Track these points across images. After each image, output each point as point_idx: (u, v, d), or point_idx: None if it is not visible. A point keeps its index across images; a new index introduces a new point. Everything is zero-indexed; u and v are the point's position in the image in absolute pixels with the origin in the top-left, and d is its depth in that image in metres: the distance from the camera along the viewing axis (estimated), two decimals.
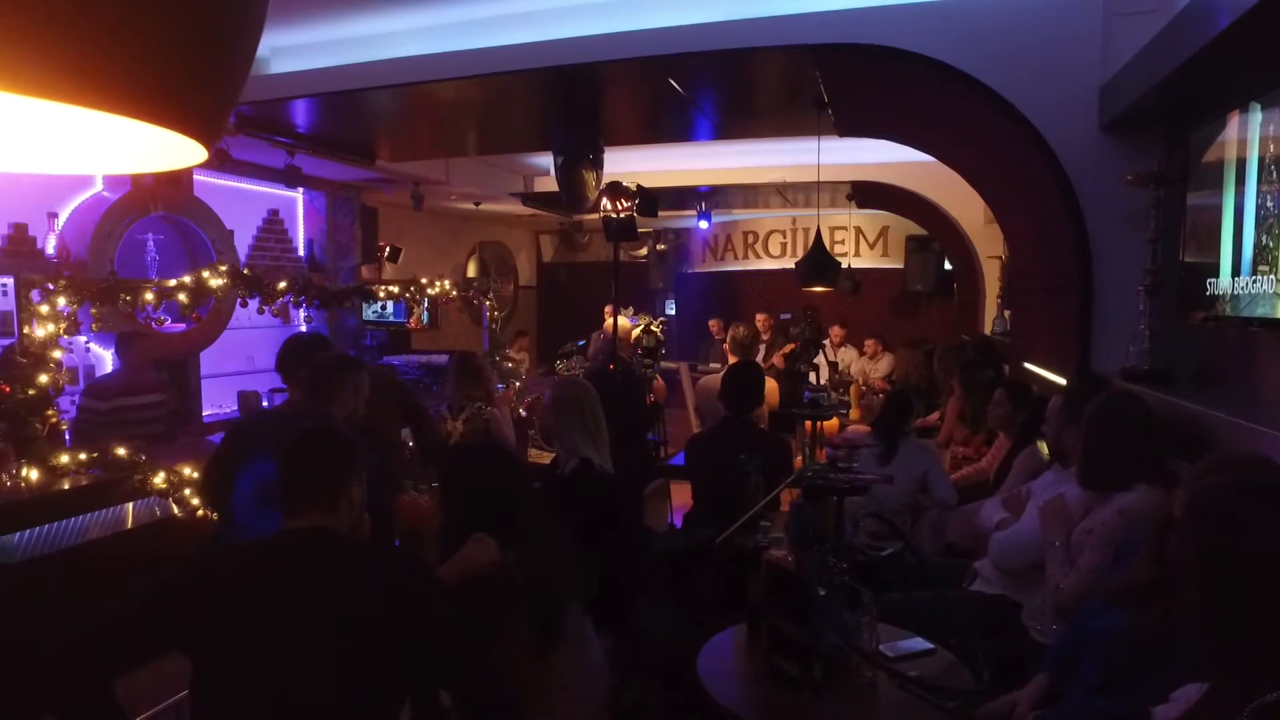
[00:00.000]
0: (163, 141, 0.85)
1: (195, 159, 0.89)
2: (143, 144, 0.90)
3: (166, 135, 0.79)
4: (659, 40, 3.92)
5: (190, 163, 0.91)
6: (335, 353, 3.09)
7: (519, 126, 5.60)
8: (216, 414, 6.48)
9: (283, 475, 1.81)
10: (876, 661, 1.91)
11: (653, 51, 3.91)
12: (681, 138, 6.30)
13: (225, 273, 4.43)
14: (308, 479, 1.81)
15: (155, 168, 0.95)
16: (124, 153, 0.94)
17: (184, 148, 0.85)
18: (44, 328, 3.59)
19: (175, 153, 0.89)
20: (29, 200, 5.23)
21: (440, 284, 6.26)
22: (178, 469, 3.82)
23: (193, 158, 0.89)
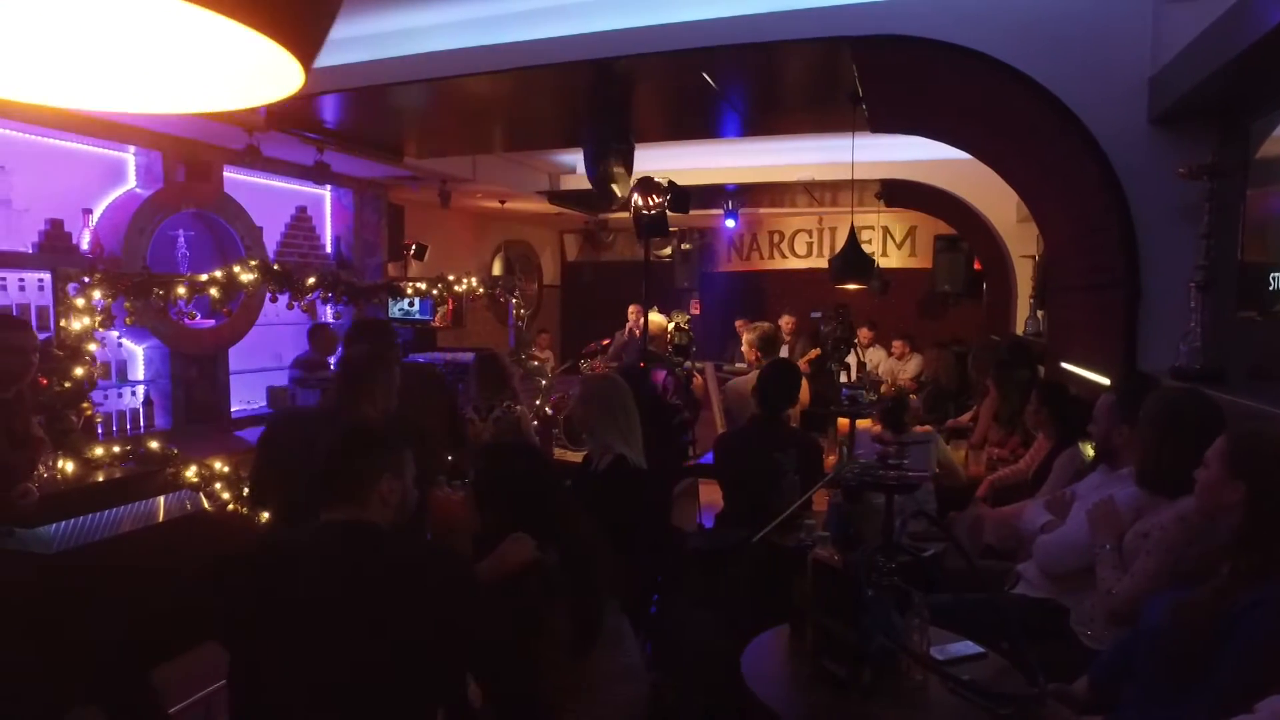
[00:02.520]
0: (258, 68, 0.81)
1: (290, 86, 0.85)
2: (239, 73, 0.87)
3: (262, 61, 0.75)
4: (694, 33, 3.87)
5: (285, 93, 0.87)
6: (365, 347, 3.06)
7: (548, 122, 5.57)
8: (244, 409, 6.50)
9: (323, 467, 1.80)
10: (929, 664, 1.85)
11: (688, 45, 3.87)
12: (710, 134, 6.25)
13: (255, 268, 4.44)
14: (338, 473, 1.79)
15: (251, 100, 0.92)
16: (221, 85, 0.92)
17: (279, 74, 0.81)
18: (79, 321, 3.60)
19: (271, 81, 0.85)
20: (65, 196, 5.27)
21: (468, 281, 6.26)
22: (209, 462, 3.83)
23: (288, 85, 0.85)
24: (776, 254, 10.91)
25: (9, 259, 4.78)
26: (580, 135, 4.87)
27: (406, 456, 1.88)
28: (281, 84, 0.85)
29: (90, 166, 5.53)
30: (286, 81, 0.84)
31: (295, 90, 0.84)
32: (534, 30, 4.21)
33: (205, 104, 0.96)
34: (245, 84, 0.90)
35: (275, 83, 0.85)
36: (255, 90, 0.90)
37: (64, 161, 5.33)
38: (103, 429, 4.90)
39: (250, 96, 0.91)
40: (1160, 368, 3.10)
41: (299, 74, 0.80)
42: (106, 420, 5.26)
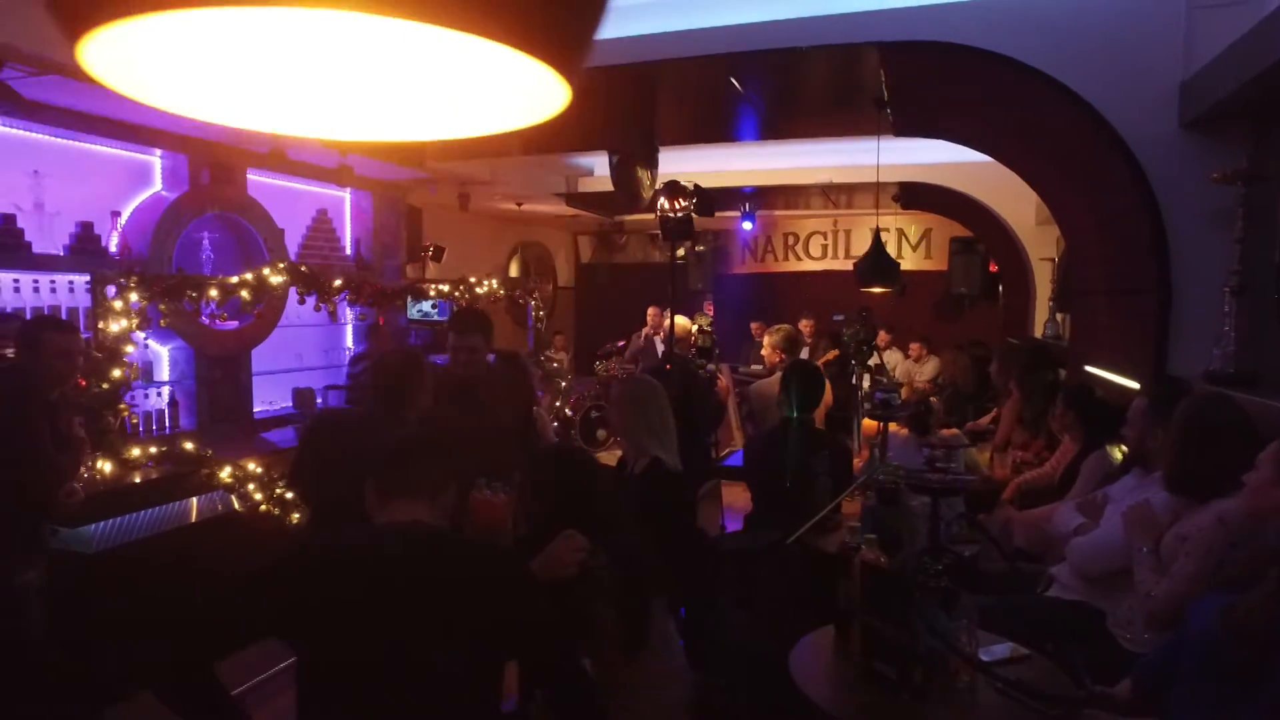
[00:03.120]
0: (525, 89, 0.83)
1: (557, 105, 0.85)
2: (503, 95, 0.88)
3: (526, 81, 0.77)
4: (722, 38, 3.90)
5: (552, 112, 0.88)
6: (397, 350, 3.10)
7: (572, 126, 5.59)
8: (266, 410, 6.54)
9: (388, 467, 1.81)
10: (979, 666, 1.88)
11: (716, 50, 3.90)
12: (731, 137, 6.28)
13: (284, 270, 4.48)
14: (413, 473, 1.81)
15: (520, 122, 0.91)
16: (490, 108, 0.93)
17: (546, 94, 0.82)
18: (117, 323, 3.65)
19: (537, 101, 0.86)
20: (93, 199, 5.32)
21: (488, 283, 6.30)
22: (242, 464, 3.87)
23: (555, 104, 0.85)
24: (791, 256, 10.93)
25: (42, 261, 4.83)
26: (605, 139, 4.89)
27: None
28: (548, 103, 0.86)
29: (118, 169, 5.58)
30: (553, 100, 0.84)
31: (562, 109, 0.85)
32: None
33: (477, 128, 0.96)
34: (513, 105, 0.90)
35: (542, 103, 0.86)
36: (523, 111, 0.90)
37: (93, 165, 5.39)
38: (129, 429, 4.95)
39: (519, 118, 0.92)
40: (1191, 372, 3.11)
41: (566, 93, 0.80)
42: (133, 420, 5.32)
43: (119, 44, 0.74)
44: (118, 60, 0.83)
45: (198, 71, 0.88)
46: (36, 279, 4.91)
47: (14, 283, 4.79)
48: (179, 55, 0.84)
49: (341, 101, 0.93)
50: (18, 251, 4.72)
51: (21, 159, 4.90)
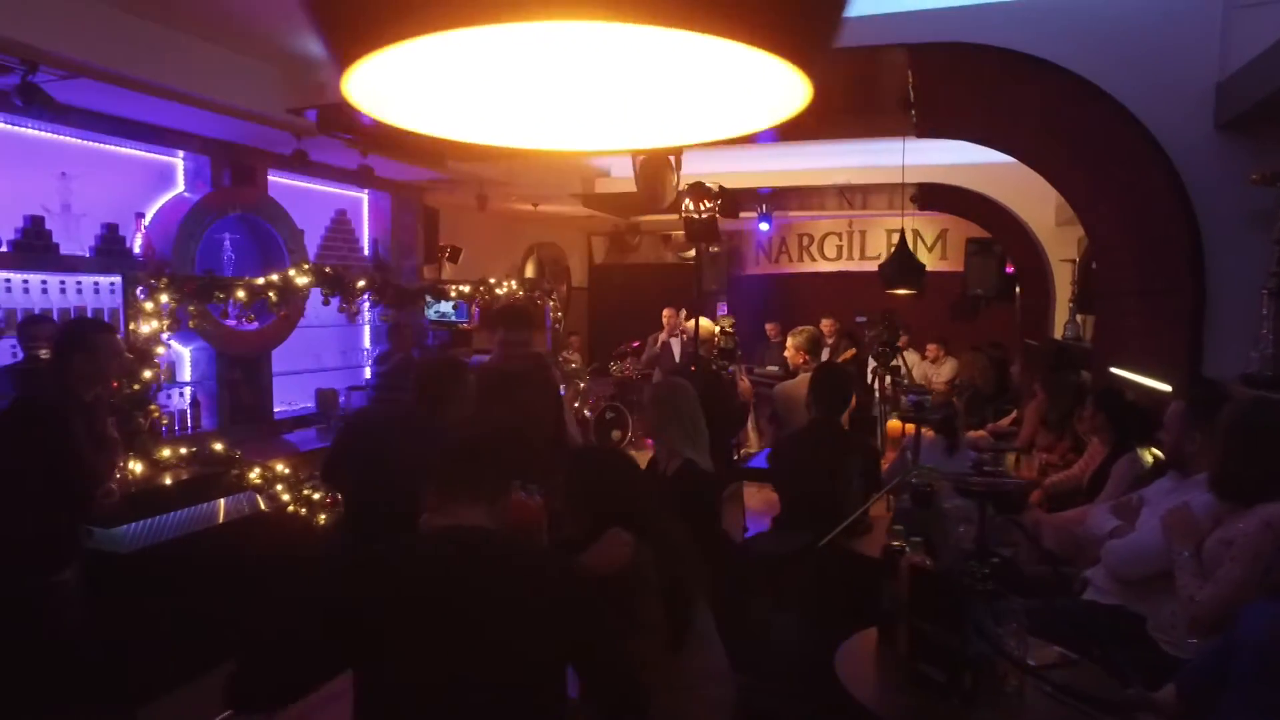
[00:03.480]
0: (767, 87, 0.82)
1: (799, 101, 0.85)
2: (747, 95, 0.89)
3: (763, 80, 0.77)
4: None
5: (797, 109, 0.87)
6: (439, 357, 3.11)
7: None
8: (286, 410, 6.56)
9: (449, 469, 1.81)
10: (1031, 670, 1.87)
11: None
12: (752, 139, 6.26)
13: (309, 271, 4.50)
14: (475, 475, 1.80)
15: (766, 121, 0.91)
16: (738, 109, 0.93)
17: (784, 91, 0.82)
18: (148, 324, 3.67)
19: (779, 99, 0.86)
20: (119, 200, 5.35)
21: (508, 284, 6.30)
22: (271, 464, 3.88)
23: (797, 101, 0.85)
24: (806, 257, 10.92)
25: (70, 263, 4.86)
26: None
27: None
28: (791, 101, 0.86)
29: (141, 171, 5.61)
30: (796, 98, 0.84)
31: (804, 106, 0.84)
32: None
33: (722, 131, 0.97)
34: (757, 105, 0.90)
35: (785, 101, 0.86)
36: (767, 110, 0.90)
37: (117, 166, 5.42)
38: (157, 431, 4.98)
39: (763, 118, 0.92)
40: (1227, 375, 3.10)
41: (808, 90, 0.80)
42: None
43: (379, 72, 0.76)
44: (377, 88, 0.84)
45: (453, 92, 0.91)
46: (63, 280, 4.94)
47: (42, 284, 4.82)
48: (436, 78, 0.87)
49: (593, 113, 0.94)
50: (46, 253, 4.75)
51: (49, 161, 4.94)
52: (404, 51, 0.69)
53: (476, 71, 0.86)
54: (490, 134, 1.00)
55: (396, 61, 0.73)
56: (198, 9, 4.15)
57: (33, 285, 4.78)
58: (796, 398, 4.67)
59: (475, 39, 0.70)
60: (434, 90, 0.90)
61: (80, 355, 2.91)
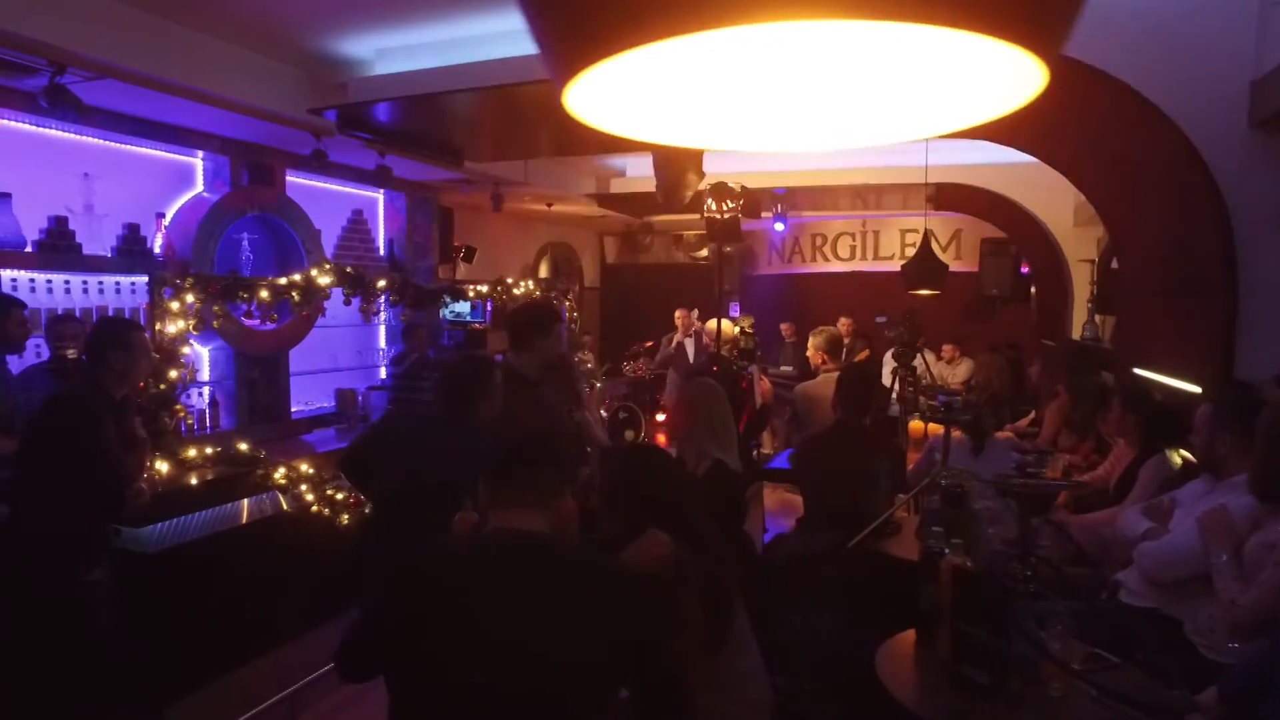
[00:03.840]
0: (1004, 76, 0.81)
1: (1035, 88, 0.83)
2: (980, 84, 0.87)
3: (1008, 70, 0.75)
4: None
5: (1031, 96, 0.85)
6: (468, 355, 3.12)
7: None
8: (303, 410, 6.57)
9: (504, 472, 1.79)
10: (1078, 674, 1.85)
11: None
12: None
13: (330, 270, 4.50)
14: (530, 478, 1.79)
15: (1001, 109, 0.89)
16: (973, 99, 0.91)
17: (1019, 77, 0.80)
18: (174, 324, 3.67)
19: (1017, 87, 0.84)
20: (140, 200, 5.37)
21: (524, 284, 6.30)
22: (295, 464, 3.88)
23: (1030, 88, 0.83)
24: (819, 257, 10.89)
25: (92, 263, 4.88)
26: None
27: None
28: (1027, 88, 0.84)
29: (161, 171, 5.62)
30: (1031, 84, 0.82)
31: (1040, 91, 0.83)
32: None
33: (962, 121, 0.95)
34: (990, 94, 0.89)
35: (1020, 88, 0.84)
36: (1000, 99, 0.89)
37: (138, 166, 5.44)
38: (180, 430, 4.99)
39: (999, 106, 0.90)
40: (1260, 376, 3.07)
41: (1045, 76, 0.78)
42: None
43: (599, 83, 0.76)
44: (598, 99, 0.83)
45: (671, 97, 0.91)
46: (86, 280, 4.96)
47: (65, 284, 4.84)
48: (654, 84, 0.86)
49: (824, 111, 0.93)
50: (69, 253, 4.77)
51: (72, 162, 4.95)
52: (627, 59, 0.69)
53: (696, 74, 0.84)
54: (709, 138, 0.99)
55: (617, 69, 0.72)
56: (221, 10, 4.16)
57: (56, 285, 4.80)
58: (817, 398, 4.66)
59: (698, 41, 0.69)
60: (652, 96, 0.89)
61: (115, 353, 2.92)
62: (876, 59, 0.83)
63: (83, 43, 3.82)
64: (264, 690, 3.82)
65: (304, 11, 4.25)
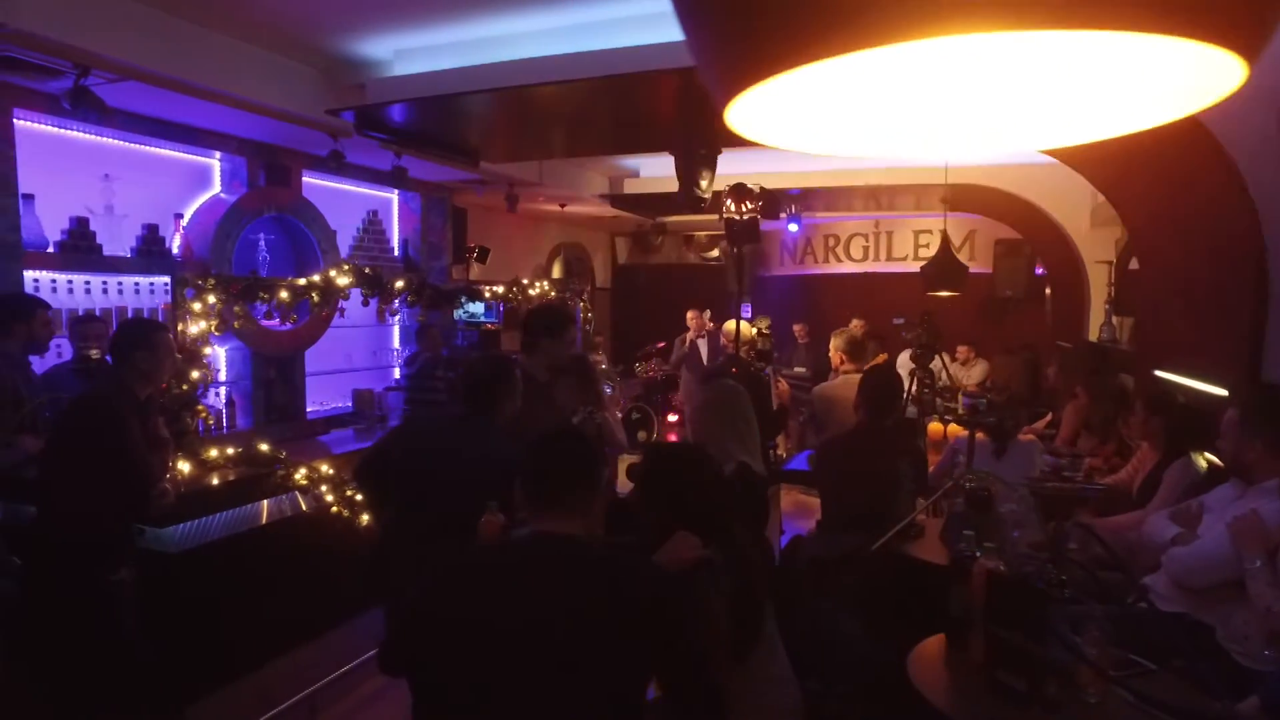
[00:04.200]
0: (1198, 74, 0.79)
1: (1233, 84, 0.80)
2: (1172, 82, 0.85)
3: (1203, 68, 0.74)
4: None
5: (1227, 92, 0.83)
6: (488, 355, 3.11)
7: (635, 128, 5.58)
8: (318, 410, 6.59)
9: (536, 477, 1.79)
10: (1117, 680, 1.84)
11: None
12: None
13: (349, 271, 4.51)
14: (564, 483, 1.78)
15: (1191, 107, 0.87)
16: (1161, 97, 0.89)
17: (1214, 73, 0.78)
18: (196, 325, 3.68)
19: (1212, 84, 0.82)
20: (159, 201, 5.39)
21: (540, 285, 6.30)
22: (315, 465, 3.89)
23: (1227, 83, 0.80)
24: (832, 258, 10.85)
25: (112, 263, 4.90)
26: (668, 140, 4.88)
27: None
28: (1223, 85, 0.82)
29: (180, 172, 5.64)
30: (1228, 81, 0.80)
31: (1238, 87, 0.81)
32: (630, 38, 4.24)
33: (1147, 120, 0.94)
34: (1185, 90, 0.87)
35: (1216, 85, 0.82)
36: (1196, 95, 0.87)
37: (157, 167, 5.46)
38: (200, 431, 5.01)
39: (1191, 103, 0.89)
40: None
41: (1244, 72, 0.76)
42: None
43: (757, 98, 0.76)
44: (754, 113, 0.84)
45: (826, 110, 0.92)
46: (105, 280, 4.98)
47: (85, 285, 4.86)
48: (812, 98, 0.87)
49: (997, 116, 0.93)
50: (90, 254, 4.79)
51: (93, 163, 4.98)
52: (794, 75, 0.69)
53: (866, 83, 0.83)
54: (861, 147, 1.00)
55: (779, 84, 0.72)
56: (242, 11, 4.17)
57: (77, 286, 4.82)
58: (836, 399, 4.64)
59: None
60: (813, 107, 0.90)
61: (141, 353, 2.93)
62: (1053, 62, 0.82)
63: (106, 45, 3.83)
64: (284, 690, 3.82)
65: (323, 12, 4.26)
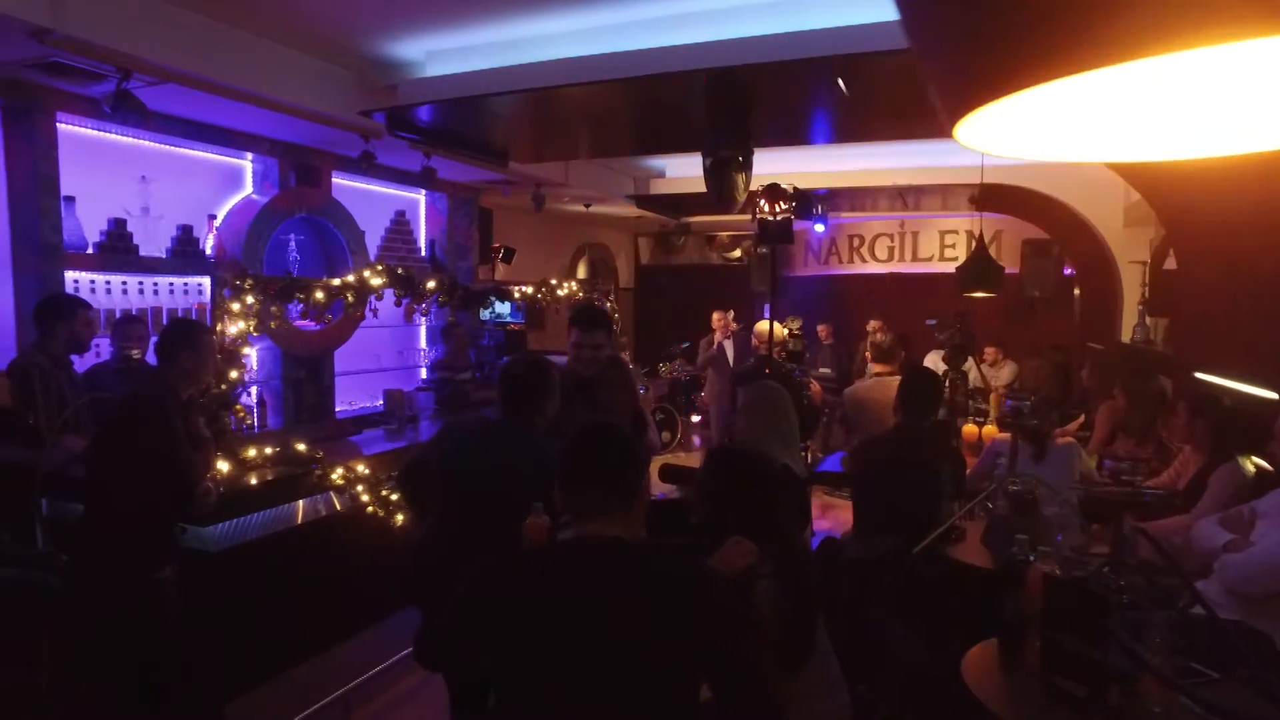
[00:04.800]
0: None
1: None
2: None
3: None
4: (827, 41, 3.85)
5: None
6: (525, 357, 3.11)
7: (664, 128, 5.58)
8: (346, 410, 6.63)
9: (576, 478, 1.77)
10: (1185, 690, 1.80)
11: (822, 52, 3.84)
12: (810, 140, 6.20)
13: (382, 272, 4.52)
14: (605, 484, 1.77)
15: None
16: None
17: None
18: (235, 325, 3.71)
19: None
20: (192, 202, 5.44)
21: (568, 285, 6.31)
22: (352, 464, 3.90)
23: None
24: (856, 258, 10.79)
25: (149, 264, 4.96)
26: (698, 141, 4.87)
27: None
28: None
29: (212, 173, 5.69)
30: None
31: None
32: (665, 38, 4.23)
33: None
34: None
35: None
36: None
37: (191, 169, 5.51)
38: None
39: None
40: None
41: None
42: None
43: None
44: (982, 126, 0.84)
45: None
46: (141, 281, 5.04)
47: (122, 285, 4.91)
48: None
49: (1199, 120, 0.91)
50: (127, 255, 4.85)
51: (131, 165, 5.03)
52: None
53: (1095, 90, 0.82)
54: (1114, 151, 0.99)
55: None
56: (277, 14, 4.20)
57: (114, 286, 4.88)
58: (869, 401, 4.61)
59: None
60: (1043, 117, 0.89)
61: (186, 353, 2.95)
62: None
63: (148, 48, 3.87)
64: (319, 689, 3.84)
65: (358, 15, 4.28)
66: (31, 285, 4.34)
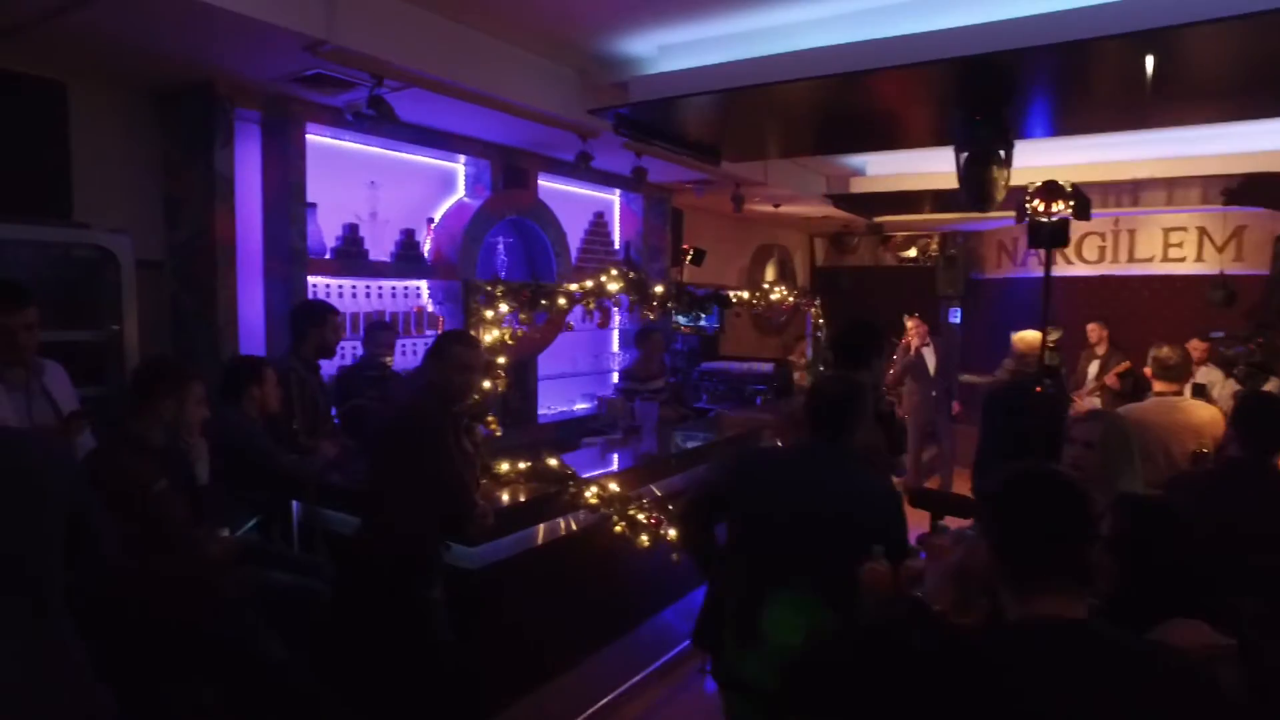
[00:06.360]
0: None
1: None
2: None
3: None
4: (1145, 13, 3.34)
5: None
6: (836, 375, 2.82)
7: (908, 121, 5.15)
8: (547, 415, 6.57)
9: (1033, 548, 1.43)
10: None
11: (1143, 25, 3.33)
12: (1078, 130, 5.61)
13: (618, 277, 4.34)
14: (1067, 550, 1.43)
15: None
16: None
17: None
18: (489, 333, 3.59)
19: None
20: (412, 207, 5.47)
21: (780, 290, 5.99)
22: (603, 483, 3.73)
23: None
24: (1060, 258, 9.88)
25: (376, 268, 5.00)
26: (953, 134, 4.43)
27: None
28: None
29: (429, 177, 5.71)
30: None
31: None
32: (928, 22, 3.82)
33: None
34: None
35: None
36: None
37: (411, 174, 5.54)
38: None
39: None
40: None
41: None
42: None
43: None
44: None
45: None
46: (369, 285, 5.09)
47: (352, 289, 4.97)
48: None
49: None
50: (359, 259, 4.89)
51: (361, 171, 5.09)
52: None
53: None
54: None
55: None
56: (510, 13, 4.07)
57: (345, 290, 4.94)
58: (1149, 425, 4.01)
59: None
60: None
61: (435, 364, 2.87)
62: None
63: (399, 54, 3.83)
64: (570, 705, 3.70)
65: (594, 10, 4.10)
66: (279, 290, 4.42)
